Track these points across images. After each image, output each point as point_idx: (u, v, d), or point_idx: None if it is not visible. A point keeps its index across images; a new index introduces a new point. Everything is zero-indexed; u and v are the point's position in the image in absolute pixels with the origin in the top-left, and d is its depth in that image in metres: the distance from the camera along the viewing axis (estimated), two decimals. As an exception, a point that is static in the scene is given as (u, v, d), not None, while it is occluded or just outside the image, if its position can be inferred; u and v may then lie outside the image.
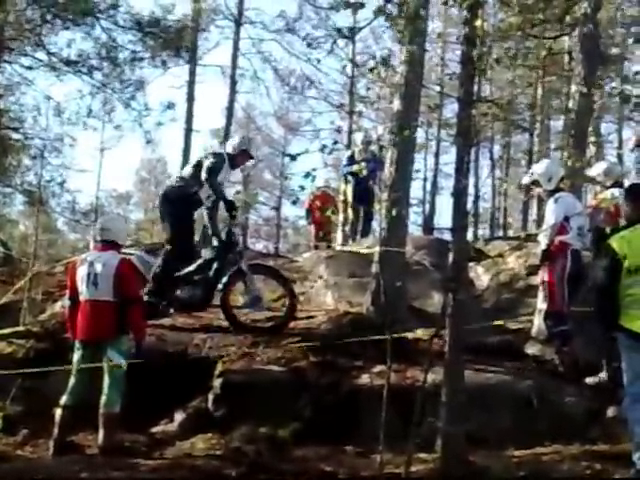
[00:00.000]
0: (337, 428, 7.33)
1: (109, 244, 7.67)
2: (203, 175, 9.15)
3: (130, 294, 7.41)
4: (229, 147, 9.71)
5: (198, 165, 9.37)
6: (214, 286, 9.18)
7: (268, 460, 6.87)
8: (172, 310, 9.25)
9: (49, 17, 20.02)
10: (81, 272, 7.51)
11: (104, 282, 7.37)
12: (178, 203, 9.20)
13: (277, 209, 37.16)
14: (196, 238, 10.41)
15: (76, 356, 7.42)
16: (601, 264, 6.05)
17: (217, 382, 7.91)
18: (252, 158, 10.40)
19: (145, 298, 8.58)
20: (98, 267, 7.43)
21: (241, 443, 7.23)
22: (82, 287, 7.47)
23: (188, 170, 9.57)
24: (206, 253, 9.36)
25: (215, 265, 9.20)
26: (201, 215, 9.83)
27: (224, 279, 9.14)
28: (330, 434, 7.26)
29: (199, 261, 9.27)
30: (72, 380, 7.36)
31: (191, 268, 9.20)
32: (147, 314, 8.60)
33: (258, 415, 7.45)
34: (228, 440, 7.33)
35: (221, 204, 9.43)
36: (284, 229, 39.35)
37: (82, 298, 7.47)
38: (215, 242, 9.39)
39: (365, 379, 7.87)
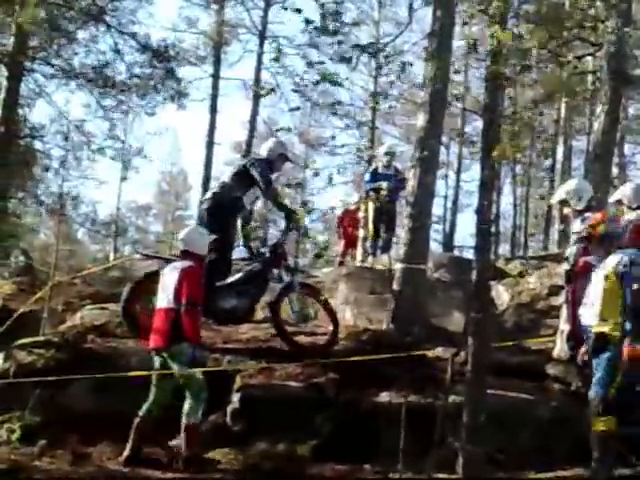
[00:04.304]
0: (356, 446, 7.25)
1: (186, 254, 7.81)
2: (261, 186, 8.88)
3: (186, 298, 7.37)
4: (265, 152, 9.33)
5: (243, 172, 9.04)
6: (257, 299, 9.06)
7: (286, 477, 6.83)
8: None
9: (61, 21, 20.14)
10: (160, 281, 7.75)
11: (168, 289, 7.51)
12: (224, 210, 8.92)
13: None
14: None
15: (155, 365, 7.52)
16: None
17: (236, 397, 7.84)
18: (289, 161, 9.89)
19: None
20: (167, 274, 7.64)
21: (259, 459, 7.19)
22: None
23: (230, 176, 9.18)
24: (252, 264, 9.08)
25: (260, 278, 9.00)
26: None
27: (276, 293, 8.94)
28: (349, 452, 7.18)
29: (244, 271, 9.01)
30: (152, 389, 7.42)
31: (236, 278, 8.94)
32: None
33: (276, 431, 7.39)
34: (246, 455, 7.28)
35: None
36: (304, 243, 39.28)
37: None
38: (259, 252, 9.24)
39: (384, 397, 7.77)
